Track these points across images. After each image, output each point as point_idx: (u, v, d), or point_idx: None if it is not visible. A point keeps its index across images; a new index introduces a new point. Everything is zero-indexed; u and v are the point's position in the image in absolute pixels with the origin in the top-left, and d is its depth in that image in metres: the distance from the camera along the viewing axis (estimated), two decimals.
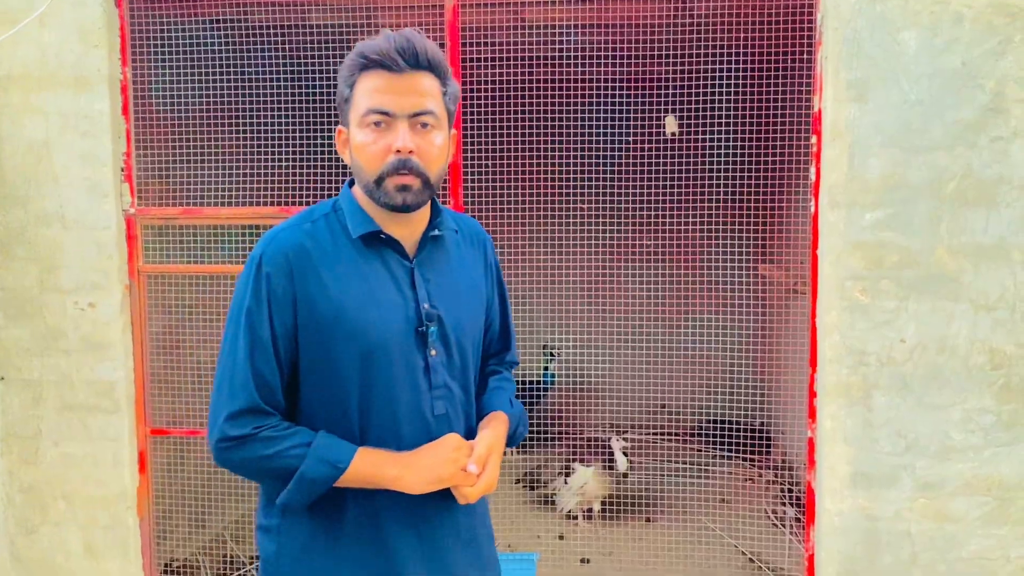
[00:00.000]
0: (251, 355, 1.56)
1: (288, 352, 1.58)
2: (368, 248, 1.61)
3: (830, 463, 3.02)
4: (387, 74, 1.53)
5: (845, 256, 2.95)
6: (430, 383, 1.63)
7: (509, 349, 1.94)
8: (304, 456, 1.53)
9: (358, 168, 1.58)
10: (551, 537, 4.36)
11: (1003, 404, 2.93)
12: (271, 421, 1.56)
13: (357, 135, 1.57)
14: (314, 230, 1.61)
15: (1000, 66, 2.85)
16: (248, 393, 1.55)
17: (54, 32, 3.14)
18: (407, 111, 1.53)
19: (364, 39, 1.60)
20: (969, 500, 2.97)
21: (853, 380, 2.98)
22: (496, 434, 1.68)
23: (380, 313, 1.58)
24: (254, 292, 1.56)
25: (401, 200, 1.55)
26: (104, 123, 3.17)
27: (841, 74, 2.91)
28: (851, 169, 2.93)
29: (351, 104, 1.58)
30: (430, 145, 1.56)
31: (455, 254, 1.73)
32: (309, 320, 1.56)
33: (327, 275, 1.57)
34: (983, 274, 2.90)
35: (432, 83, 1.57)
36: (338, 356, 1.57)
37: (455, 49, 3.11)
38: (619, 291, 5.27)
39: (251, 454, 1.55)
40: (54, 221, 3.21)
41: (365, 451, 1.57)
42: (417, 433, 1.61)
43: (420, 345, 1.62)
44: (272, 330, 1.56)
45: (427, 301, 1.62)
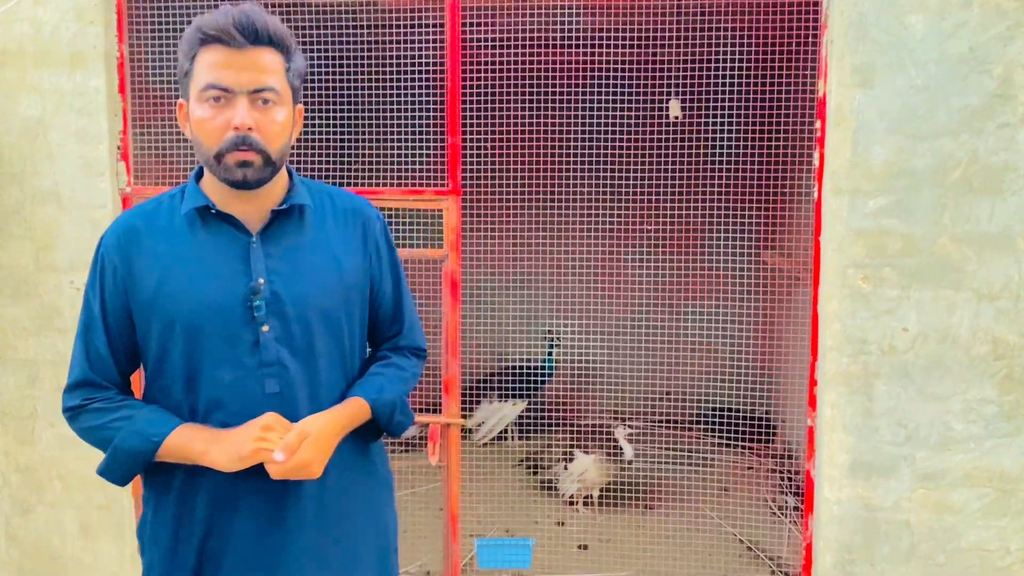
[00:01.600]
0: (85, 330, 1.64)
1: (122, 327, 1.63)
2: (204, 226, 1.62)
3: (829, 452, 2.99)
4: (226, 49, 1.52)
5: (847, 243, 2.91)
6: (260, 360, 1.60)
7: (402, 332, 1.88)
8: (122, 428, 1.58)
9: (197, 143, 1.57)
10: (549, 523, 4.35)
11: (1005, 395, 2.89)
12: (104, 394, 1.62)
13: (196, 110, 1.55)
14: (155, 210, 1.65)
15: (1008, 51, 2.80)
16: (82, 367, 1.63)
17: (49, 8, 3.11)
18: (246, 87, 1.53)
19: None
20: (969, 491, 2.94)
21: (854, 369, 2.95)
22: (327, 418, 1.62)
23: (203, 288, 1.58)
24: (92, 273, 1.65)
25: (242, 176, 1.55)
26: (100, 101, 3.14)
27: (846, 58, 2.86)
28: (855, 155, 2.88)
29: (191, 78, 1.56)
30: (271, 122, 1.56)
31: (313, 229, 1.70)
32: (136, 297, 1.60)
33: (153, 252, 1.60)
34: (987, 263, 2.86)
35: (273, 58, 1.56)
36: (161, 332, 1.60)
37: (455, 30, 3.07)
38: (621, 277, 5.23)
39: (84, 424, 1.61)
40: (50, 200, 3.18)
41: (185, 427, 1.58)
42: (247, 412, 1.58)
43: (250, 320, 1.59)
44: (103, 307, 1.62)
45: (263, 276, 1.60)
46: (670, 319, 4.93)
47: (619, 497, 4.50)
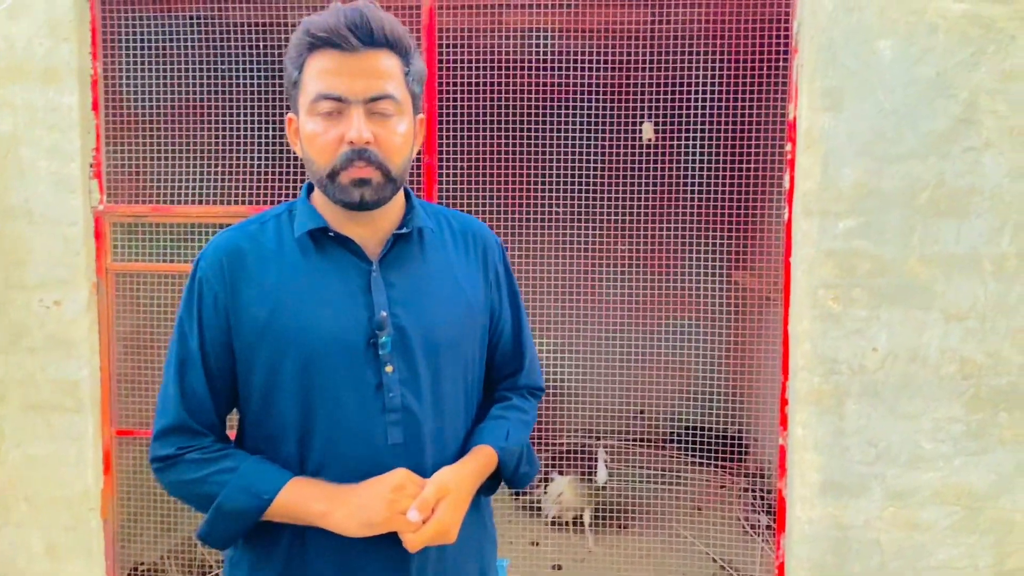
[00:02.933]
0: (180, 369, 1.42)
1: (222, 365, 1.42)
2: (318, 250, 1.43)
3: (801, 471, 3.02)
4: (338, 54, 1.34)
5: (818, 264, 2.96)
6: (384, 405, 1.39)
7: (522, 370, 1.68)
8: (227, 483, 1.36)
9: (309, 161, 1.40)
10: (524, 543, 4.33)
11: (973, 413, 2.94)
12: (201, 442, 1.41)
13: (307, 124, 1.38)
14: (260, 231, 1.45)
15: (973, 77, 2.87)
16: (176, 410, 1.41)
17: (23, 24, 3.09)
18: (362, 96, 1.34)
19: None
20: (938, 509, 2.97)
21: (825, 388, 2.98)
22: (462, 472, 1.43)
23: (321, 320, 1.38)
24: (187, 300, 1.43)
25: (359, 196, 1.36)
26: (73, 117, 3.12)
27: (816, 82, 2.92)
28: (825, 177, 2.93)
29: (300, 88, 1.40)
30: (391, 134, 1.37)
31: (436, 255, 1.51)
32: (242, 328, 1.39)
33: (264, 278, 1.40)
34: (954, 284, 2.91)
35: (392, 62, 1.38)
36: (272, 369, 1.39)
37: (431, 52, 3.09)
38: (595, 296, 5.26)
39: (178, 477, 1.40)
40: (20, 216, 3.15)
41: (298, 482, 1.37)
42: (367, 463, 1.38)
43: (372, 359, 1.39)
44: (202, 341, 1.41)
45: (385, 308, 1.41)
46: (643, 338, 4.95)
47: (594, 517, 4.50)
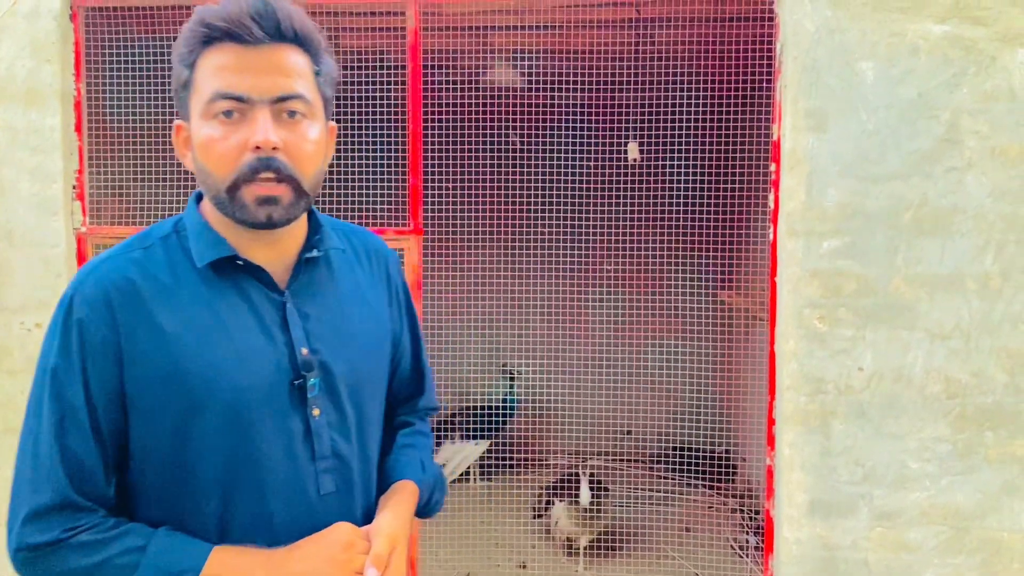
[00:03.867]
0: (59, 431, 1.15)
1: (113, 423, 1.18)
2: (221, 279, 1.23)
3: (788, 491, 3.00)
4: (239, 48, 1.17)
5: (803, 284, 2.96)
6: (313, 452, 1.25)
7: (423, 393, 1.57)
8: (137, 566, 1.14)
9: (203, 173, 1.21)
10: (511, 565, 4.30)
11: (958, 433, 2.94)
12: (89, 520, 1.16)
13: (201, 129, 1.18)
14: (147, 258, 1.23)
15: (955, 98, 2.89)
16: (55, 483, 1.15)
17: (5, 45, 3.08)
18: (268, 95, 1.17)
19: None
20: (925, 529, 2.96)
21: (811, 408, 2.98)
22: (401, 518, 1.31)
23: (238, 362, 1.20)
24: (62, 346, 1.17)
25: (264, 216, 1.19)
26: (55, 139, 3.10)
27: (800, 103, 2.93)
28: (809, 197, 2.94)
29: (192, 89, 1.20)
30: (301, 139, 1.20)
31: (345, 279, 1.36)
32: (141, 379, 1.17)
33: (164, 317, 1.18)
34: (938, 303, 2.92)
35: (301, 59, 1.21)
36: (183, 424, 1.18)
37: (416, 71, 3.09)
38: (581, 316, 5.25)
39: (64, 566, 1.14)
40: (1, 238, 3.12)
41: (223, 551, 1.17)
42: (297, 520, 1.23)
43: (298, 403, 1.24)
44: (88, 396, 1.16)
45: (305, 344, 1.25)
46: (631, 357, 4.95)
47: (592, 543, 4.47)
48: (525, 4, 3.13)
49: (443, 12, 3.28)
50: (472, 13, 3.33)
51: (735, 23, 3.36)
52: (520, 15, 3.39)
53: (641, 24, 3.54)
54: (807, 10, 2.91)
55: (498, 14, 3.34)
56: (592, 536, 4.32)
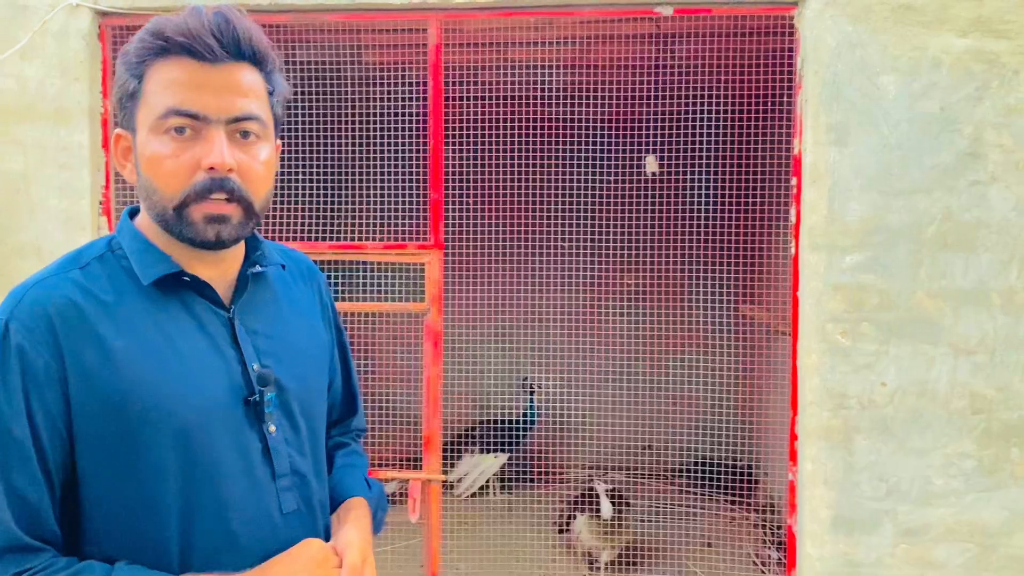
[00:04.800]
0: (3, 468, 1.08)
1: (59, 456, 1.11)
2: (166, 297, 1.19)
3: (811, 507, 2.99)
4: (195, 64, 1.13)
5: (825, 298, 2.95)
6: (273, 471, 1.22)
7: (355, 413, 1.56)
8: None
9: (149, 189, 1.16)
10: None
11: (984, 449, 2.91)
12: (39, 560, 1.09)
13: (150, 144, 1.14)
14: (85, 277, 1.16)
15: (977, 111, 2.88)
16: (1, 525, 1.07)
17: (35, 65, 3.13)
18: (224, 114, 1.14)
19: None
20: (951, 546, 2.93)
21: (834, 423, 2.96)
22: (364, 531, 1.32)
23: (191, 384, 1.16)
24: (0, 376, 1.08)
25: (214, 234, 1.15)
26: (83, 156, 3.15)
27: (821, 117, 2.93)
28: (831, 212, 2.93)
29: (139, 100, 1.16)
30: (254, 160, 1.18)
31: (284, 296, 1.35)
32: (88, 405, 1.11)
33: (110, 338, 1.13)
34: (963, 318, 2.90)
35: (255, 79, 1.19)
36: (137, 450, 1.12)
37: (437, 88, 3.11)
38: (601, 329, 5.25)
39: None
40: (30, 253, 3.17)
41: None
42: (262, 540, 1.19)
43: (254, 420, 1.21)
44: (32, 427, 1.09)
45: (256, 360, 1.23)
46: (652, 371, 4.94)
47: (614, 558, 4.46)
48: (546, 19, 3.15)
49: (464, 28, 3.30)
50: (492, 29, 3.35)
51: (754, 37, 3.37)
52: (540, 30, 3.41)
53: (661, 38, 3.55)
54: (828, 24, 2.91)
55: (518, 30, 3.36)
56: (615, 550, 4.30)
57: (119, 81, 1.19)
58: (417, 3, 3.05)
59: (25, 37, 3.09)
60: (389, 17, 3.11)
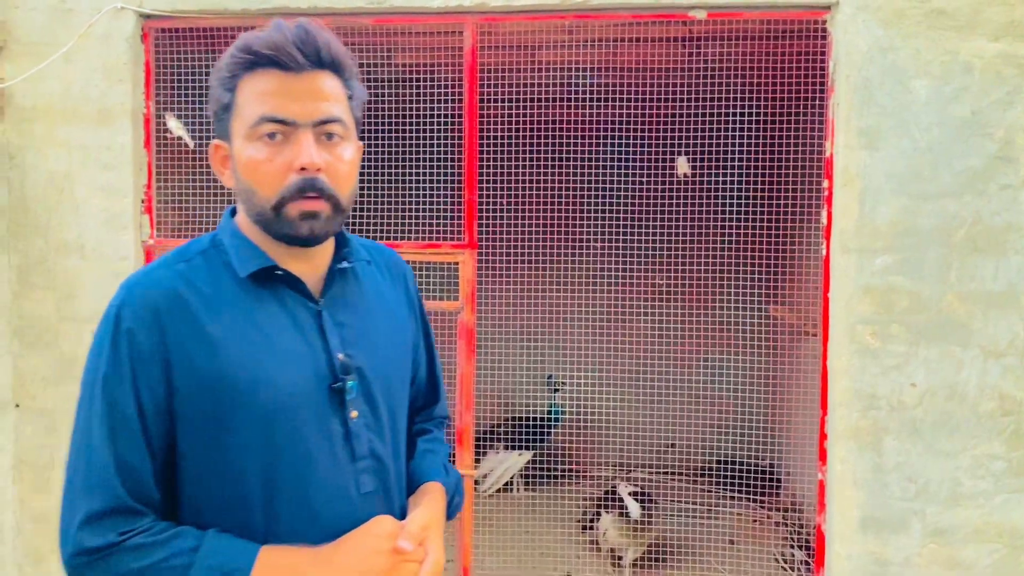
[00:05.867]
0: (111, 438, 1.20)
1: (161, 429, 1.23)
2: (261, 289, 1.30)
3: (840, 507, 3.01)
4: (282, 74, 1.25)
5: (856, 300, 2.97)
6: (353, 453, 1.31)
7: (438, 401, 1.64)
8: (190, 566, 1.18)
9: (248, 192, 1.27)
10: (558, 575, 4.34)
11: (1013, 451, 2.93)
12: (142, 523, 1.20)
13: (246, 150, 1.26)
14: (189, 270, 1.29)
15: (1008, 116, 2.89)
16: (110, 488, 1.19)
17: (79, 67, 3.21)
18: (310, 118, 1.25)
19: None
20: (980, 547, 2.95)
21: (863, 424, 2.99)
22: (433, 510, 1.39)
23: (280, 371, 1.26)
24: (112, 355, 1.21)
25: (308, 230, 1.26)
26: (126, 156, 3.22)
27: (853, 121, 2.95)
28: (862, 214, 2.96)
29: (234, 112, 1.28)
30: (339, 160, 1.28)
31: (371, 290, 1.44)
32: (188, 385, 1.22)
33: (210, 325, 1.24)
34: (992, 321, 2.92)
35: (336, 85, 1.29)
36: (229, 428, 1.23)
37: (472, 90, 3.16)
38: (630, 329, 5.28)
39: (118, 569, 1.18)
40: (73, 251, 3.25)
41: (271, 551, 1.22)
42: (341, 517, 1.28)
43: (337, 406, 1.30)
44: (139, 403, 1.21)
45: (340, 350, 1.32)
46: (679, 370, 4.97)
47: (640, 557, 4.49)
48: (579, 22, 3.19)
49: (497, 31, 3.35)
50: (525, 32, 3.40)
51: (786, 41, 3.39)
52: (572, 33, 3.45)
53: (692, 41, 3.58)
54: (860, 29, 2.94)
55: (549, 32, 3.40)
56: (640, 548, 4.34)
57: (213, 95, 1.30)
58: (454, 6, 3.10)
59: (70, 40, 3.17)
60: (426, 20, 3.16)
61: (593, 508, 4.70)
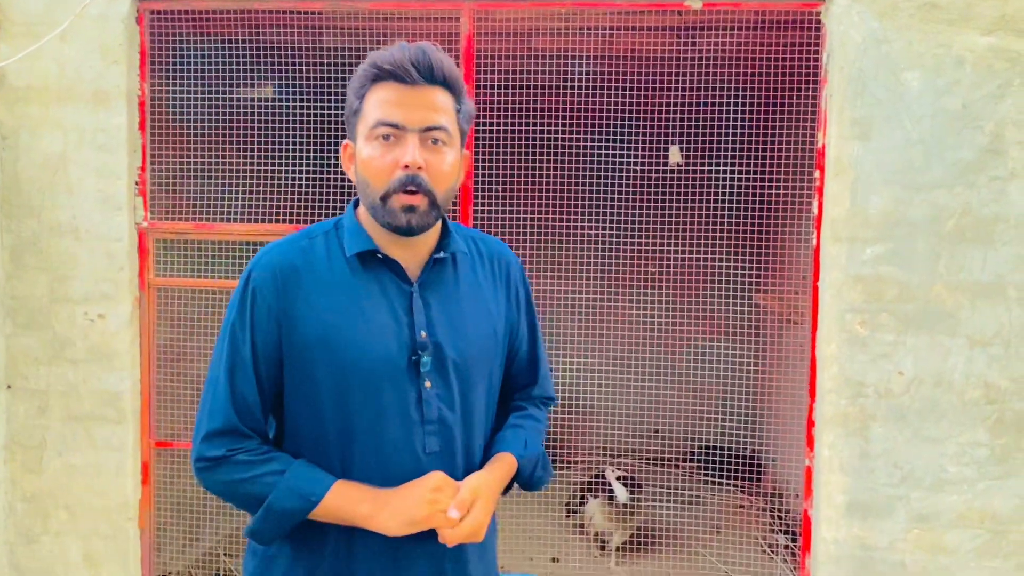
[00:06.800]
0: (231, 374, 1.50)
1: (271, 372, 1.51)
2: (365, 269, 1.53)
3: (827, 492, 3.07)
4: (399, 86, 1.46)
5: (846, 289, 3.02)
6: (423, 416, 1.52)
7: (536, 382, 1.80)
8: (276, 484, 1.46)
9: (363, 184, 1.50)
10: (544, 559, 4.38)
11: (996, 438, 2.99)
12: (248, 444, 1.50)
13: (364, 149, 1.49)
14: (310, 247, 1.55)
15: (999, 109, 2.94)
16: (226, 413, 1.49)
17: (75, 48, 3.19)
18: (418, 125, 1.46)
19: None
20: (963, 532, 3.02)
21: (851, 411, 3.04)
22: (490, 477, 1.56)
23: (369, 337, 1.49)
24: (239, 308, 1.51)
25: (406, 221, 1.47)
26: (121, 137, 3.21)
27: (846, 112, 2.99)
28: (853, 204, 3.00)
29: (360, 116, 1.51)
30: (440, 162, 1.48)
31: (467, 278, 1.63)
32: (293, 339, 1.49)
33: (315, 293, 1.50)
34: (979, 310, 2.97)
35: (446, 99, 1.50)
36: (320, 379, 1.49)
37: (469, 76, 3.17)
38: (619, 316, 5.32)
39: (226, 477, 1.48)
40: (67, 232, 3.24)
41: (342, 485, 1.47)
42: (406, 470, 1.50)
43: (414, 375, 1.51)
44: (254, 349, 1.50)
45: (424, 328, 1.52)
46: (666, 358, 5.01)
47: (625, 541, 4.54)
48: (576, 9, 3.20)
49: (493, 17, 3.36)
50: (521, 18, 3.41)
51: (780, 31, 3.42)
52: (567, 20, 3.46)
53: (686, 30, 3.60)
54: (854, 21, 2.97)
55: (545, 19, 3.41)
56: (626, 533, 4.39)
57: (348, 103, 1.54)
58: None
59: (65, 20, 3.14)
60: (424, 6, 3.17)
61: (579, 493, 4.73)
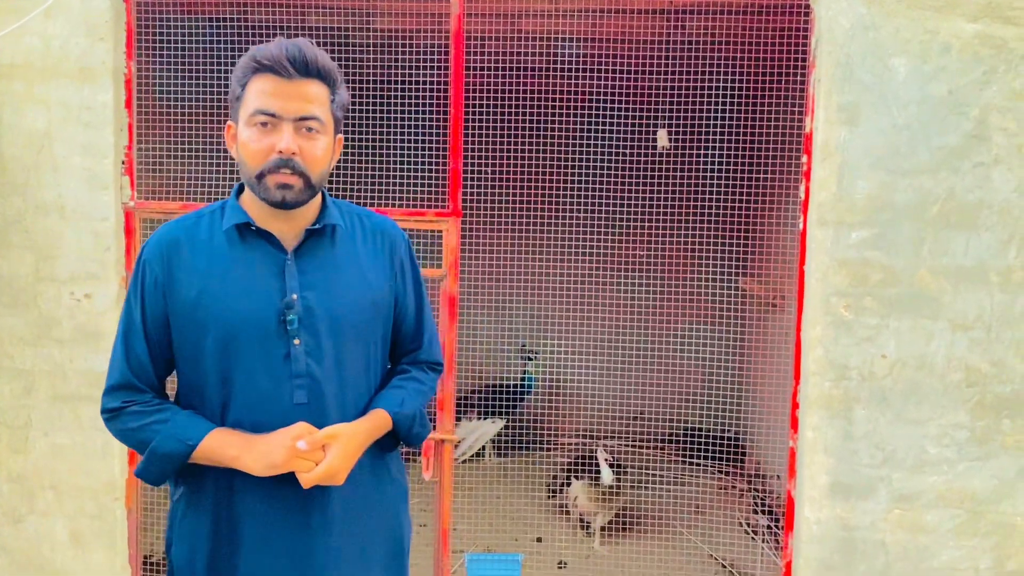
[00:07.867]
0: (126, 337, 1.73)
1: (160, 335, 1.73)
2: (242, 242, 1.73)
3: (810, 473, 3.11)
4: (276, 79, 1.65)
5: (831, 273, 3.05)
6: (291, 371, 1.70)
7: (422, 347, 1.98)
8: (160, 431, 1.68)
9: (242, 163, 1.70)
10: (529, 539, 4.42)
11: (977, 420, 3.04)
12: (143, 397, 1.73)
13: (244, 132, 1.68)
14: (195, 224, 1.76)
15: (984, 95, 2.97)
16: (122, 371, 1.73)
17: (60, 24, 3.15)
18: (292, 115, 1.65)
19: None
20: (942, 512, 3.07)
21: (835, 393, 3.08)
22: (355, 427, 1.74)
23: (240, 301, 1.69)
24: (133, 280, 1.75)
25: (281, 197, 1.66)
26: (107, 115, 3.18)
27: (833, 97, 3.01)
28: (840, 189, 3.02)
29: (241, 103, 1.69)
30: (314, 147, 1.68)
31: (346, 248, 1.81)
32: (175, 306, 1.71)
33: (195, 264, 1.71)
34: (962, 295, 3.01)
35: (320, 90, 1.69)
36: (198, 341, 1.70)
37: (459, 56, 3.16)
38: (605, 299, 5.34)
39: (122, 425, 1.72)
40: (52, 211, 3.21)
41: (218, 432, 1.68)
42: (275, 419, 1.69)
43: (283, 334, 1.70)
44: (144, 314, 1.72)
45: (296, 291, 1.71)
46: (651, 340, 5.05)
47: (609, 522, 4.58)
48: None
49: None
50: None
51: (768, 15, 3.43)
52: (555, 2, 3.45)
53: (674, 13, 3.61)
54: (842, 7, 2.99)
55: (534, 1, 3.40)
56: (609, 514, 4.43)
57: (231, 88, 1.72)
58: None
59: None
60: None
61: (563, 475, 4.77)
